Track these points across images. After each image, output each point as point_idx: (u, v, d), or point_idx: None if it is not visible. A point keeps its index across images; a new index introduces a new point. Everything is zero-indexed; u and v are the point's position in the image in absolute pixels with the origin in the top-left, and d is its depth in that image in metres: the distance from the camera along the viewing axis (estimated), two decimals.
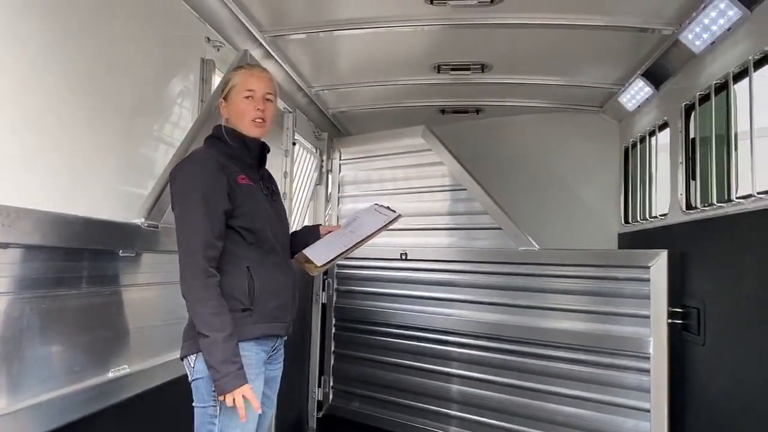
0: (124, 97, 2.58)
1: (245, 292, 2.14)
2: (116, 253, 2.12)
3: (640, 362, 3.60)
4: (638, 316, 3.64)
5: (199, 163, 2.15)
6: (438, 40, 3.81)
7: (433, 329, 4.64)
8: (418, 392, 4.72)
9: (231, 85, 2.32)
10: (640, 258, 3.67)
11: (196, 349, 2.11)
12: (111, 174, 2.43)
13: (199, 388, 2.12)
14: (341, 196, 5.38)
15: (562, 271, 4.02)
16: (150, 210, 2.29)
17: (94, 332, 2.01)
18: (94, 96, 2.38)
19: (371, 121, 5.55)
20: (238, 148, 2.27)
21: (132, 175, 2.56)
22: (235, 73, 2.36)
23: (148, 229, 2.28)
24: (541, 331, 4.07)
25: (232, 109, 2.30)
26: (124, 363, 2.16)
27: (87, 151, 2.29)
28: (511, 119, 5.45)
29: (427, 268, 4.72)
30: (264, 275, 2.21)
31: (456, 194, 4.66)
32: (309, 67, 4.31)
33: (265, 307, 2.20)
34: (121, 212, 2.31)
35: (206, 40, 3.13)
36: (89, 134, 2.31)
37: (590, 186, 5.34)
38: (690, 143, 3.65)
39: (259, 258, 2.21)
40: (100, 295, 2.05)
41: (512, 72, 4.37)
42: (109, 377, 2.07)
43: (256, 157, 2.33)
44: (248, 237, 2.19)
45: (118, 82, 2.54)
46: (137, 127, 2.71)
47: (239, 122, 2.29)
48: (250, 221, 2.19)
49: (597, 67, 4.26)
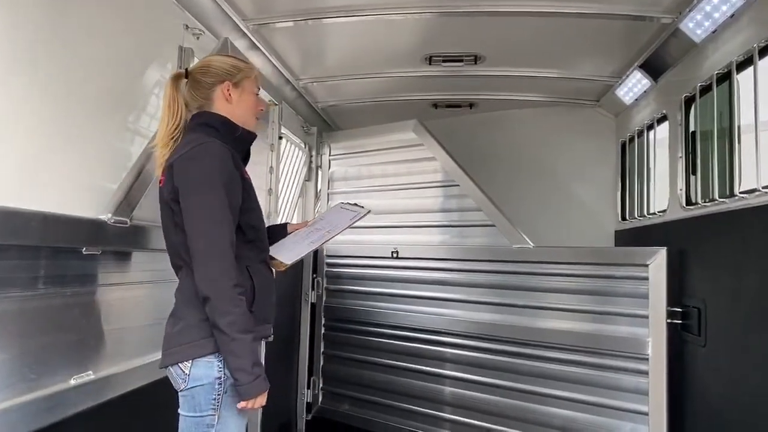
0: (95, 87, 2.43)
1: (247, 294, 2.02)
2: (79, 251, 1.97)
3: (638, 364, 3.50)
4: (636, 315, 3.54)
5: (213, 156, 1.98)
6: (429, 29, 3.67)
7: (425, 329, 4.53)
8: (409, 394, 4.60)
9: (245, 75, 2.21)
10: (638, 256, 3.55)
11: (195, 355, 1.96)
12: (79, 167, 2.28)
13: (196, 397, 1.97)
14: (331, 193, 5.24)
15: (558, 269, 3.91)
16: (118, 205, 2.15)
17: (53, 336, 1.86)
18: (62, 85, 2.23)
19: (362, 116, 5.41)
20: (240, 142, 2.17)
21: (103, 168, 2.40)
22: (247, 65, 2.26)
23: (115, 225, 2.13)
24: (535, 331, 3.95)
25: (243, 100, 2.19)
26: (89, 369, 2.01)
27: (51, 143, 2.14)
28: (505, 114, 5.33)
29: (418, 267, 4.60)
30: (260, 275, 2.11)
31: (448, 190, 4.54)
32: (296, 59, 4.16)
33: (262, 309, 2.11)
34: (91, 208, 2.16)
35: (185, 27, 2.98)
36: (55, 125, 2.16)
37: (586, 182, 5.22)
38: (690, 136, 3.53)
39: (255, 257, 2.12)
40: (61, 296, 1.90)
41: (506, 64, 4.23)
42: (71, 384, 1.92)
43: (247, 150, 2.22)
44: (249, 234, 2.08)
45: (88, 71, 2.39)
46: (110, 118, 2.56)
47: (248, 114, 2.21)
48: (253, 218, 2.10)
49: (593, 59, 4.13)
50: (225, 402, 1.96)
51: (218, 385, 1.95)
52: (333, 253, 5.13)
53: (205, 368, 1.95)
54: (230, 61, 2.24)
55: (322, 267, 5.16)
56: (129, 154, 2.47)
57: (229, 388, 1.96)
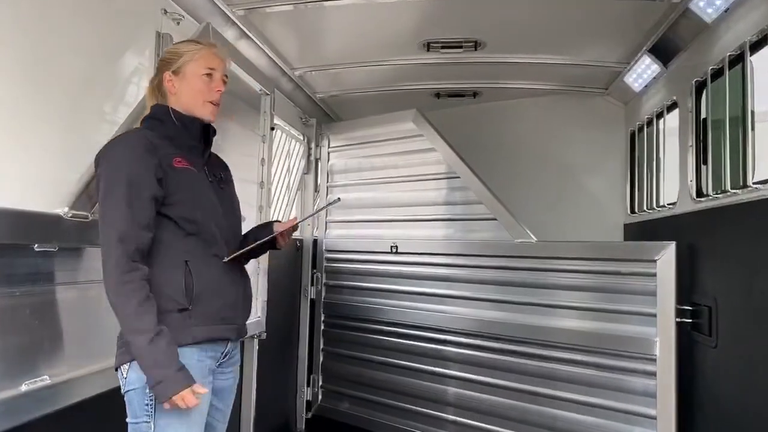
0: (66, 75, 2.30)
1: (181, 290, 1.89)
2: (30, 248, 1.84)
3: (646, 364, 3.33)
4: (644, 314, 3.36)
5: (124, 145, 1.91)
6: (426, 13, 3.49)
7: (425, 327, 4.39)
8: (411, 394, 4.48)
9: (186, 60, 2.08)
10: (645, 251, 3.37)
11: (129, 358, 1.87)
12: (44, 159, 2.15)
13: (132, 402, 1.88)
14: (330, 186, 5.10)
15: (561, 265, 3.74)
16: (77, 198, 2.01)
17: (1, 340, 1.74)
18: (30, 73, 2.11)
19: (364, 106, 5.24)
20: (179, 129, 2.03)
21: (73, 160, 2.27)
22: (191, 47, 2.12)
23: (72, 220, 2.00)
24: (538, 329, 3.80)
25: (186, 86, 2.07)
26: (44, 373, 1.89)
27: (12, 134, 2.01)
28: (510, 103, 5.14)
29: (418, 262, 4.46)
30: (206, 271, 1.96)
31: (449, 182, 4.38)
32: (289, 47, 4.01)
33: (208, 307, 1.95)
34: (48, 202, 2.03)
35: (163, 11, 2.85)
36: (17, 115, 2.03)
37: (594, 174, 5.02)
38: (701, 124, 3.32)
39: (200, 252, 1.96)
40: (8, 297, 1.77)
41: (508, 50, 4.05)
42: (22, 391, 1.80)
43: (198, 138, 2.07)
44: (187, 227, 1.94)
45: (59, 57, 2.25)
46: (82, 107, 2.42)
47: (192, 102, 2.07)
48: (189, 210, 1.94)
49: (600, 44, 3.93)
50: (160, 409, 1.83)
51: (149, 389, 1.83)
52: (332, 248, 5.00)
53: (137, 372, 1.84)
54: (173, 48, 2.15)
55: (321, 262, 5.03)
56: (96, 144, 2.33)
57: None
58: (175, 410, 1.81)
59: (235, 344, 2.15)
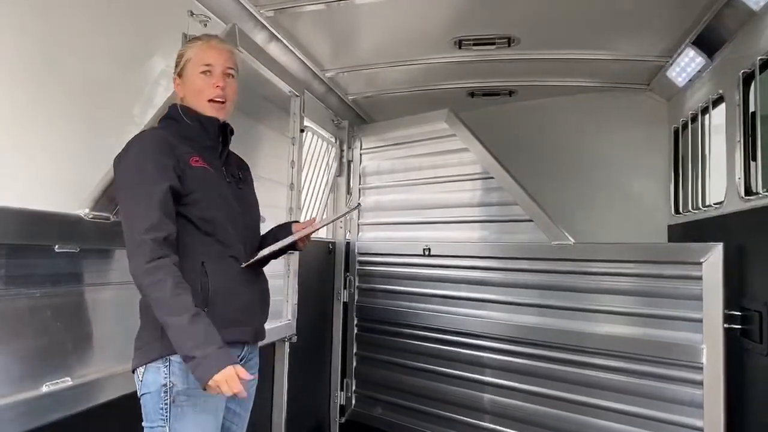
0: (91, 77, 2.31)
1: (197, 292, 1.85)
2: (51, 249, 1.83)
3: (692, 373, 3.17)
4: (689, 319, 3.20)
5: (141, 143, 1.88)
6: (456, 8, 3.40)
7: (460, 332, 4.29)
8: (446, 400, 4.38)
9: (186, 59, 2.06)
10: (690, 252, 3.21)
11: (145, 360, 1.85)
12: (66, 161, 2.15)
13: (147, 405, 1.85)
14: (362, 188, 5.05)
15: (601, 267, 3.60)
16: (98, 199, 2.00)
17: (19, 341, 1.73)
18: (55, 75, 2.12)
19: (396, 107, 5.16)
20: (194, 129, 2.00)
21: (97, 162, 2.27)
22: (191, 45, 2.09)
23: (93, 221, 1.98)
24: (578, 335, 3.66)
25: (188, 86, 2.04)
26: (65, 375, 1.87)
27: (35, 135, 2.02)
28: (548, 101, 4.99)
29: (452, 265, 4.37)
30: (221, 272, 1.91)
31: (483, 183, 4.27)
32: (320, 47, 3.96)
33: (223, 310, 1.90)
34: (75, 203, 2.03)
35: (189, 13, 2.84)
36: (40, 117, 2.04)
37: (636, 173, 4.82)
38: (749, 118, 3.13)
39: (216, 253, 1.92)
40: (29, 298, 1.76)
41: (542, 46, 3.92)
42: (43, 392, 1.78)
43: (215, 138, 2.03)
44: (204, 227, 1.90)
45: (84, 60, 2.27)
46: (107, 109, 2.44)
47: (196, 101, 2.03)
48: (205, 209, 1.90)
49: (640, 37, 3.76)
50: (175, 413, 1.79)
51: (164, 393, 1.79)
52: (364, 250, 4.94)
53: (153, 374, 1.81)
54: (180, 50, 2.11)
55: (354, 265, 4.98)
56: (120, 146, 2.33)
57: (178, 397, 1.79)
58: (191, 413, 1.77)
59: (252, 347, 2.10)
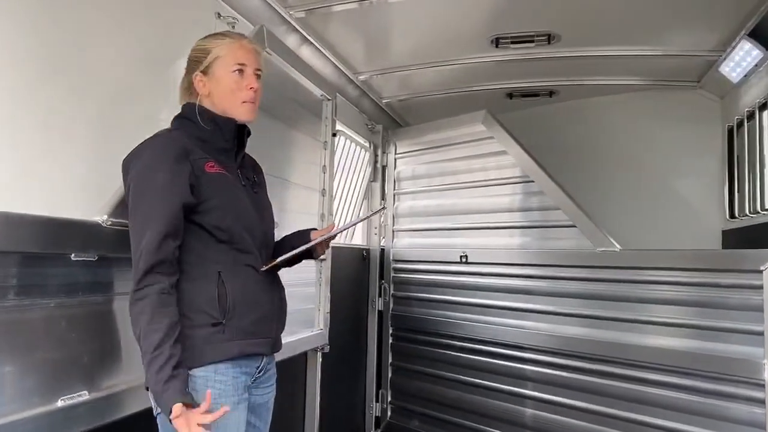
0: (114, 81, 2.25)
1: (215, 303, 1.75)
2: (68, 257, 1.76)
3: (752, 390, 2.93)
4: (748, 332, 2.97)
5: (152, 150, 1.77)
6: (492, 4, 3.25)
7: (500, 342, 4.13)
8: (485, 414, 4.22)
9: (215, 56, 1.93)
10: (749, 260, 2.98)
11: None
12: (91, 167, 2.09)
13: (163, 426, 1.75)
14: (397, 193, 4.93)
15: (650, 276, 3.39)
16: (116, 206, 1.93)
17: (34, 353, 1.66)
18: (75, 79, 2.06)
19: (432, 110, 5.02)
20: (210, 130, 1.89)
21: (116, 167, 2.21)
22: (219, 42, 1.96)
23: (112, 228, 1.91)
24: (625, 347, 3.46)
25: (218, 85, 1.92)
26: (82, 388, 1.80)
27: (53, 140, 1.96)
28: (590, 101, 4.76)
29: (491, 273, 4.20)
30: (239, 282, 1.81)
31: (523, 187, 4.10)
32: (352, 50, 3.85)
33: (242, 321, 1.80)
34: (93, 210, 1.96)
35: (216, 15, 2.77)
36: (59, 121, 1.98)
37: (687, 176, 4.55)
38: None
39: (233, 261, 1.82)
40: (44, 308, 1.69)
41: (585, 43, 3.72)
42: (58, 406, 1.71)
43: (231, 140, 1.93)
44: (220, 236, 1.80)
45: (109, 64, 2.20)
46: (129, 114, 2.36)
47: (227, 102, 1.92)
48: (221, 218, 1.80)
49: (690, 31, 3.53)
50: None
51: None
52: (400, 257, 4.81)
53: None
54: (200, 44, 1.98)
55: (389, 272, 4.86)
56: None
57: None
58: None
59: (270, 358, 2.00)
